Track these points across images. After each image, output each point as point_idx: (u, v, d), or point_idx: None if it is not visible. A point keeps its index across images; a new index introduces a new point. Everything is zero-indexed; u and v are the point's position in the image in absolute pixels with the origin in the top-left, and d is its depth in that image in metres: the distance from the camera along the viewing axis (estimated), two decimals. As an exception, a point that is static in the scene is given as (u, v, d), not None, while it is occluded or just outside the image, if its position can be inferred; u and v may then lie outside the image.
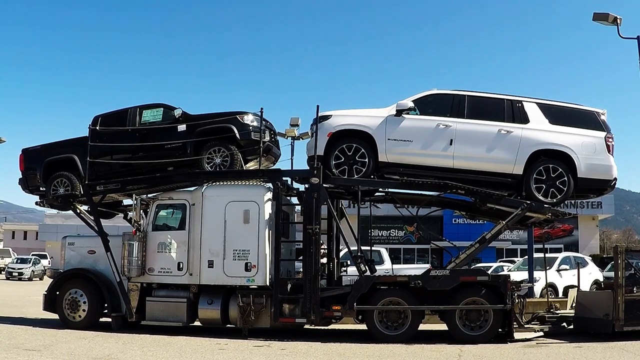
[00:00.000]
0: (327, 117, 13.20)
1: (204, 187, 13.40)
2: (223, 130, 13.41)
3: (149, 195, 13.90)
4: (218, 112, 13.71)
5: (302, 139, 15.47)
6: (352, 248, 13.15)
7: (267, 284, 12.74)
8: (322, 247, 13.32)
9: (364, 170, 12.91)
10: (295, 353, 10.98)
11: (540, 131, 12.94)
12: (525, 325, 12.92)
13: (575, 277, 16.87)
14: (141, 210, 13.61)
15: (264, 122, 13.69)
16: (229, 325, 13.30)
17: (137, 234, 13.21)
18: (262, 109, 13.51)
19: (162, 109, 14.11)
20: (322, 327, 13.38)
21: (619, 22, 16.59)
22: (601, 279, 21.20)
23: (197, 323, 13.49)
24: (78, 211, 14.59)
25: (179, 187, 13.85)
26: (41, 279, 43.15)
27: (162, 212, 13.73)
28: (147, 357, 10.31)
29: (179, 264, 13.12)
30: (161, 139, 13.78)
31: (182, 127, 13.68)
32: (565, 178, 12.75)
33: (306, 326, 13.12)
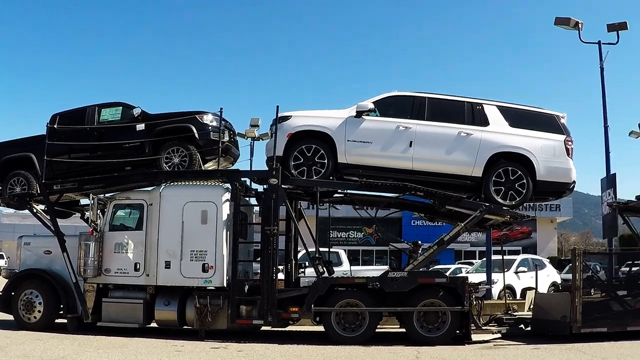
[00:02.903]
0: (286, 118, 13.13)
1: (162, 187, 13.27)
2: (182, 130, 13.28)
3: (106, 195, 13.72)
4: (177, 112, 13.60)
5: (262, 139, 15.39)
6: (310, 249, 13.08)
7: (225, 285, 12.64)
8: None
9: (323, 171, 12.85)
10: (252, 355, 10.88)
11: (500, 134, 12.99)
12: (483, 327, 13.03)
13: (533, 279, 17.05)
14: (98, 210, 13.39)
15: (223, 122, 13.59)
16: (185, 327, 13.16)
17: (94, 234, 13.02)
18: (221, 109, 13.46)
19: (120, 107, 13.94)
20: (280, 329, 13.29)
21: (580, 26, 16.73)
22: (559, 281, 21.53)
23: (153, 324, 13.33)
24: (35, 210, 14.31)
25: (137, 186, 13.68)
26: (-4, 279, 42.42)
27: (120, 212, 13.58)
28: (102, 359, 10.18)
29: (135, 264, 12.98)
30: (119, 138, 13.61)
31: (140, 127, 13.52)
32: (524, 181, 12.84)
33: (264, 328, 13.07)
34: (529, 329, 13.60)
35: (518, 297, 19.42)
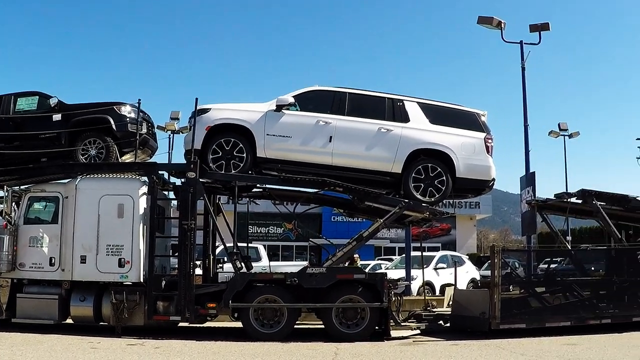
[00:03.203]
0: (205, 111, 12.96)
1: (78, 180, 12.97)
2: (99, 121, 13.05)
3: (21, 187, 13.36)
4: (94, 102, 13.38)
5: (182, 132, 15.18)
6: (228, 245, 12.93)
7: (141, 280, 12.44)
8: None
9: (241, 165, 12.72)
10: (169, 352, 10.72)
11: (420, 130, 13.06)
12: (402, 323, 13.07)
13: (452, 275, 17.21)
14: (13, 203, 13.01)
15: (141, 113, 13.41)
16: (102, 323, 12.88)
17: (8, 227, 12.65)
18: (139, 100, 13.32)
19: (37, 97, 13.65)
20: (198, 325, 13.13)
21: (502, 26, 16.92)
22: (478, 278, 21.71)
23: (69, 321, 13.05)
24: (-53, 202, 13.87)
25: (53, 178, 13.40)
26: None
27: (35, 205, 13.24)
28: (15, 356, 9.88)
29: (50, 259, 12.67)
30: (35, 129, 13.30)
31: (57, 117, 13.22)
32: (444, 177, 12.94)
33: (181, 324, 12.92)
34: (448, 325, 13.68)
35: (437, 293, 19.61)
